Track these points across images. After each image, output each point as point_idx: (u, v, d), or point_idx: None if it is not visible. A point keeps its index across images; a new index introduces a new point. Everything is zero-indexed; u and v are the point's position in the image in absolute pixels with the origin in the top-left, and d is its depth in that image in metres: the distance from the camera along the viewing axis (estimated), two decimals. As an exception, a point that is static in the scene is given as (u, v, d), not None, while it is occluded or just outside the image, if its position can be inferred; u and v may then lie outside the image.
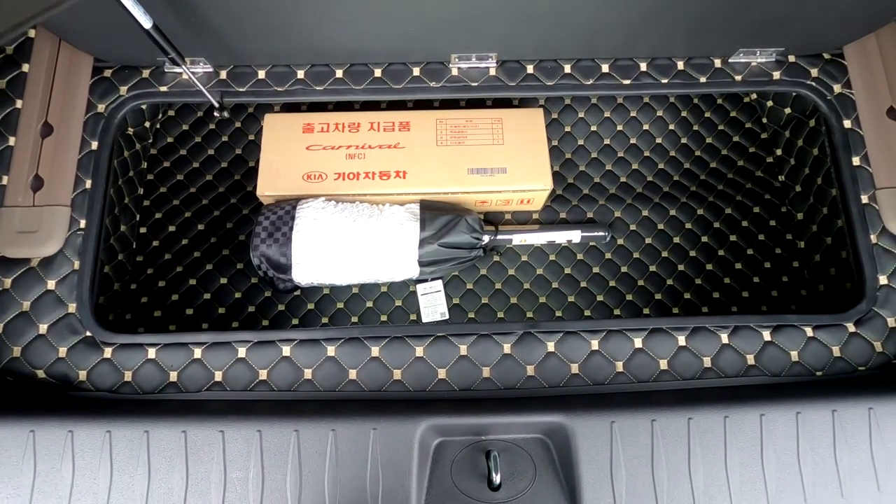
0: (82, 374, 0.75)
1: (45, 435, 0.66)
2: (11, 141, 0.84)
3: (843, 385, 0.74)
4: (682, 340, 0.78)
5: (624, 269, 1.00)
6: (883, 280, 0.81)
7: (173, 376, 0.75)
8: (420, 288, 0.99)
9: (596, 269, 1.00)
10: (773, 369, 0.77)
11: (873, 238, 0.82)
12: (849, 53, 0.92)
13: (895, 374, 0.76)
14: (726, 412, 0.69)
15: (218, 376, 0.75)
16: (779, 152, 1.05)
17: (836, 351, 0.78)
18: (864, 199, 0.84)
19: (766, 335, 0.78)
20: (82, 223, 0.81)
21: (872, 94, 0.89)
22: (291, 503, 0.65)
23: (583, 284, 0.99)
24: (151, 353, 0.76)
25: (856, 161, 0.86)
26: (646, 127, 1.08)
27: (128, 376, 0.75)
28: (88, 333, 0.77)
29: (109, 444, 0.66)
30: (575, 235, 1.01)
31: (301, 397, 0.74)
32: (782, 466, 0.67)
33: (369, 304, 0.97)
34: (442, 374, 0.76)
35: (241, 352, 0.76)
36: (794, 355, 0.78)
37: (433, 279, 1.00)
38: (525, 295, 0.98)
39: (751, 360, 0.77)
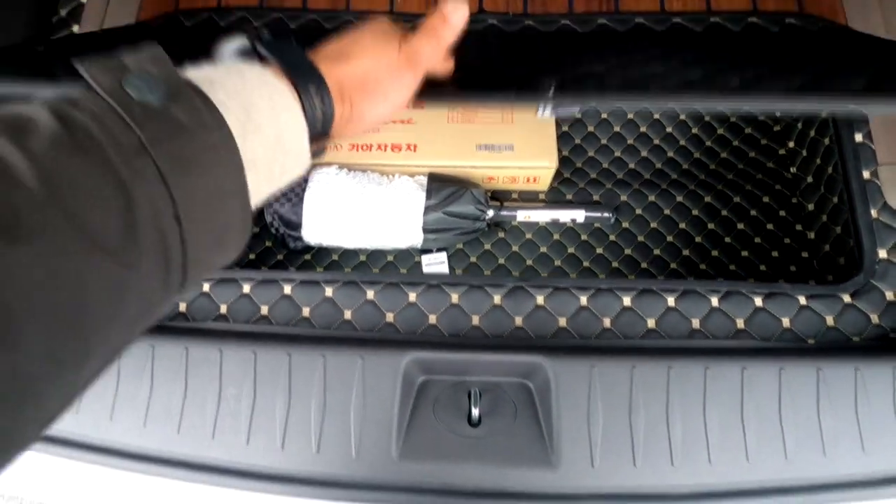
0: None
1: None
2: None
3: (831, 349, 0.73)
4: (671, 301, 0.79)
5: (628, 251, 1.01)
6: (882, 254, 0.80)
7: (182, 307, 0.81)
8: (425, 258, 1.03)
9: (599, 251, 1.02)
10: (762, 334, 0.77)
11: (874, 213, 0.82)
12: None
13: (891, 346, 0.75)
14: (707, 364, 0.69)
15: (223, 309, 0.80)
16: (791, 144, 1.06)
17: (829, 320, 0.77)
18: (866, 174, 0.84)
19: (758, 301, 0.78)
20: None
21: (876, 77, 0.90)
22: (280, 421, 0.68)
23: (585, 264, 1.01)
24: (166, 285, 0.82)
25: (858, 138, 0.87)
26: (656, 116, 1.11)
27: (143, 305, 0.81)
28: None
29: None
30: (579, 215, 1.03)
31: (297, 332, 0.78)
32: (762, 421, 0.67)
33: (375, 271, 1.01)
34: (433, 319, 0.79)
35: (246, 288, 0.81)
36: (786, 322, 0.77)
37: (437, 250, 1.03)
38: (528, 271, 1.01)
39: (740, 323, 0.77)
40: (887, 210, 0.82)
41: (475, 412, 0.69)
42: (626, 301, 0.79)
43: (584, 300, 0.80)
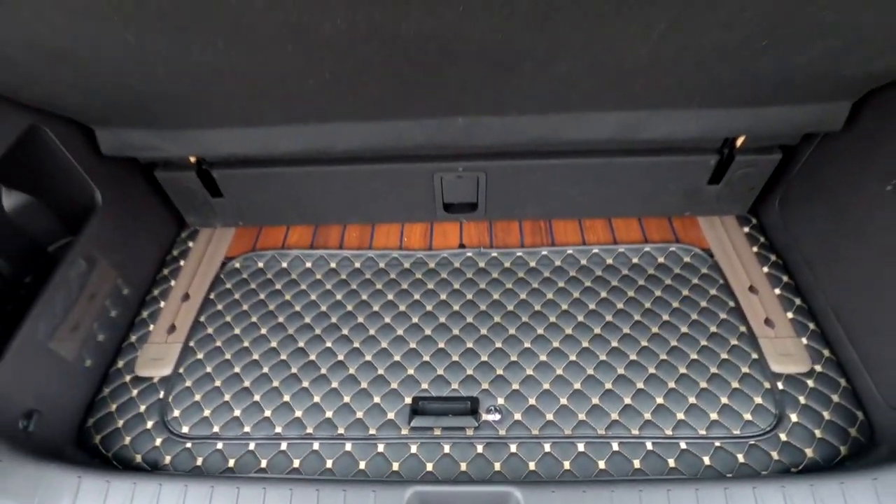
0: (167, 459, 1.03)
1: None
2: (162, 304, 1.28)
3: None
4: (616, 446, 1.01)
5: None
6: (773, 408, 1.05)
7: (231, 463, 1.02)
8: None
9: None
10: (691, 472, 0.97)
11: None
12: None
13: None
14: (640, 487, 0.89)
15: (263, 463, 1.01)
16: None
17: (740, 458, 0.98)
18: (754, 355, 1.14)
19: (682, 444, 1.01)
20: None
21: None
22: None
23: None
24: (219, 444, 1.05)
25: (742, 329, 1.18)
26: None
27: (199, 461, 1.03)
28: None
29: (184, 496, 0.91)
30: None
31: (323, 477, 0.98)
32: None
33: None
34: (430, 466, 1.00)
35: (283, 445, 1.03)
36: (707, 460, 0.98)
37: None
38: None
39: (672, 463, 0.98)
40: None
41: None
42: (581, 446, 1.01)
43: (546, 447, 1.02)
